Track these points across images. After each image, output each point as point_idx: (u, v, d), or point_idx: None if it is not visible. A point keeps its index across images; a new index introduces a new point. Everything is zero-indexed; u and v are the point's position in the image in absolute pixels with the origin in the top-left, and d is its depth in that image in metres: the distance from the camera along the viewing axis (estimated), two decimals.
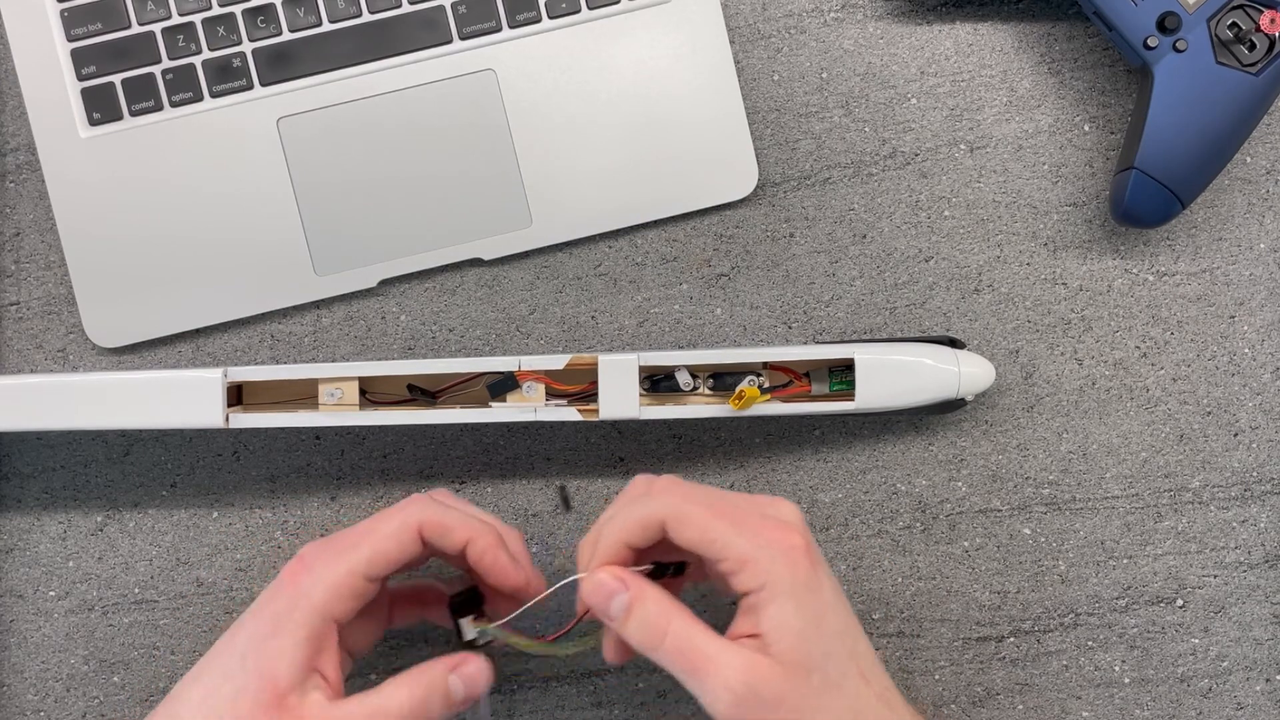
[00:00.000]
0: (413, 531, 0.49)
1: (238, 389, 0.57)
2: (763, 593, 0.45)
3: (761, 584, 0.45)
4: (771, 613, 0.45)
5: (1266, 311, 0.61)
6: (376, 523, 0.49)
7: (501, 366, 0.56)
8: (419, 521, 0.49)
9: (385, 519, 0.49)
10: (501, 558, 0.50)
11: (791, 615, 0.45)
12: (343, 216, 0.60)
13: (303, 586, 0.47)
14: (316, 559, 0.48)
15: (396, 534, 0.48)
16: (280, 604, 0.47)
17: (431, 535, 0.49)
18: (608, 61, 0.61)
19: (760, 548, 0.45)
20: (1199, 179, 0.57)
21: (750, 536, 0.46)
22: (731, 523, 0.46)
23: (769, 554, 0.45)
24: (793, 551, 0.46)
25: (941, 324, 0.61)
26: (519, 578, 0.50)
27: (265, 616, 0.47)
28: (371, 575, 0.48)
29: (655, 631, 0.46)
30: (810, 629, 0.45)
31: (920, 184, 0.61)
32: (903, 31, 0.62)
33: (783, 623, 0.45)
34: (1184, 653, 0.60)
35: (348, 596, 0.47)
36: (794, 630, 0.45)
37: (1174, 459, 0.61)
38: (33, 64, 0.60)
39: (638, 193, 0.61)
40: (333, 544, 0.49)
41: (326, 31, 0.60)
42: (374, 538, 0.48)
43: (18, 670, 0.61)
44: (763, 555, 0.45)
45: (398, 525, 0.49)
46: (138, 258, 0.60)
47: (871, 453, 0.61)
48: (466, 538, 0.49)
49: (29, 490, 0.61)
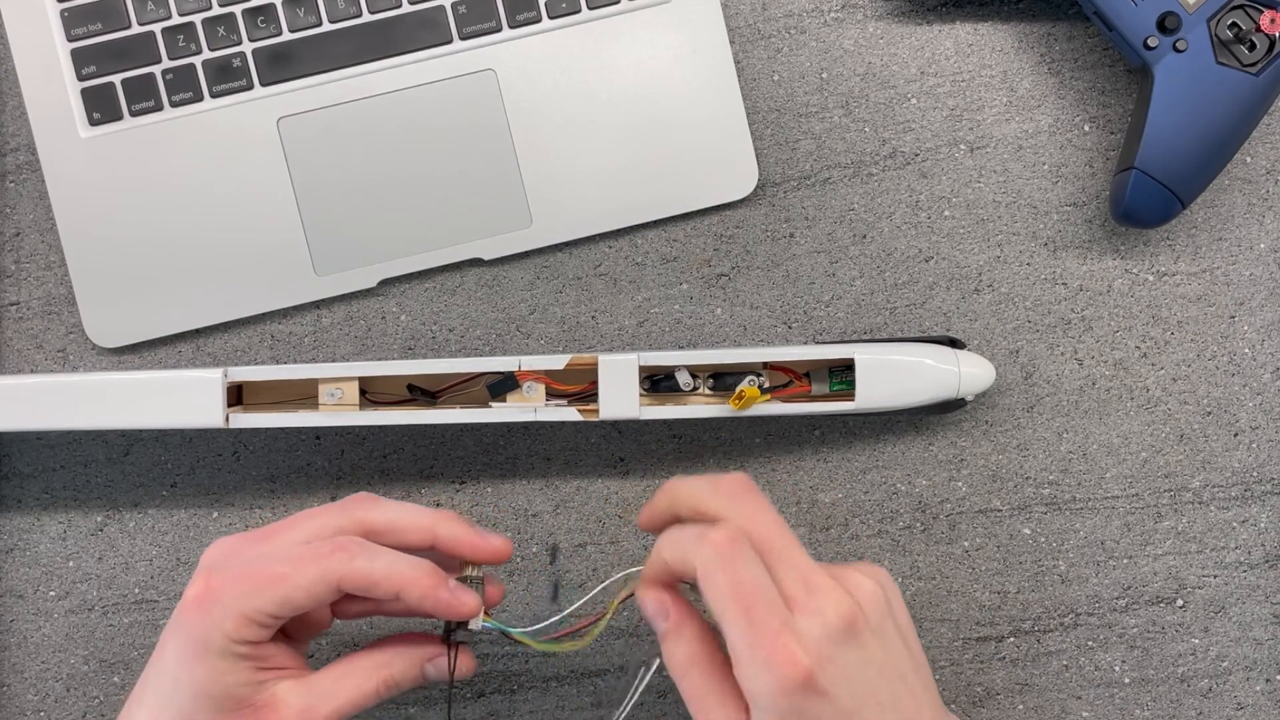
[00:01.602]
0: (330, 586, 0.46)
1: (238, 389, 0.57)
2: (747, 691, 0.43)
3: (745, 688, 0.43)
4: (754, 713, 0.43)
5: (1266, 311, 0.61)
6: (292, 567, 0.46)
7: (501, 366, 0.56)
8: (339, 577, 0.46)
9: (302, 566, 0.46)
10: (443, 598, 0.47)
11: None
12: (343, 216, 0.60)
13: (213, 616, 0.45)
14: (228, 589, 0.45)
15: (309, 587, 0.45)
16: (197, 630, 0.45)
17: (353, 589, 0.46)
18: (608, 61, 0.61)
19: (754, 657, 0.42)
20: (1199, 179, 0.57)
21: (752, 639, 0.42)
22: (744, 613, 0.43)
23: (760, 668, 0.42)
24: (785, 679, 0.42)
25: (941, 324, 0.61)
26: (468, 609, 0.48)
27: (187, 642, 0.46)
28: (279, 617, 0.46)
29: (678, 671, 0.45)
30: None
31: (920, 184, 0.61)
32: (903, 31, 0.62)
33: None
34: (1184, 653, 0.60)
35: (259, 628, 0.46)
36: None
37: (1174, 459, 0.61)
38: (33, 64, 0.60)
39: (638, 193, 0.61)
40: (250, 575, 0.46)
41: (326, 31, 0.60)
42: (285, 586, 0.45)
43: (18, 670, 0.61)
44: (754, 666, 0.42)
45: (314, 578, 0.45)
46: (138, 258, 0.60)
47: (871, 453, 0.61)
48: (396, 589, 0.46)
49: (29, 490, 0.61)
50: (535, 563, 0.61)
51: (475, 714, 0.60)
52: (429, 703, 0.61)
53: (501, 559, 0.49)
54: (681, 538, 0.46)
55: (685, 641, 0.45)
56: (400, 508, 0.49)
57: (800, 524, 0.61)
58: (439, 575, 0.47)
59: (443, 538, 0.49)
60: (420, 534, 0.49)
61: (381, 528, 0.48)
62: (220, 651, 0.45)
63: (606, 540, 0.61)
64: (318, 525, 0.48)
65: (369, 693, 0.48)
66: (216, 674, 0.45)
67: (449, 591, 0.47)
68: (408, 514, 0.49)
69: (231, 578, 0.46)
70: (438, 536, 0.49)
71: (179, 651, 0.46)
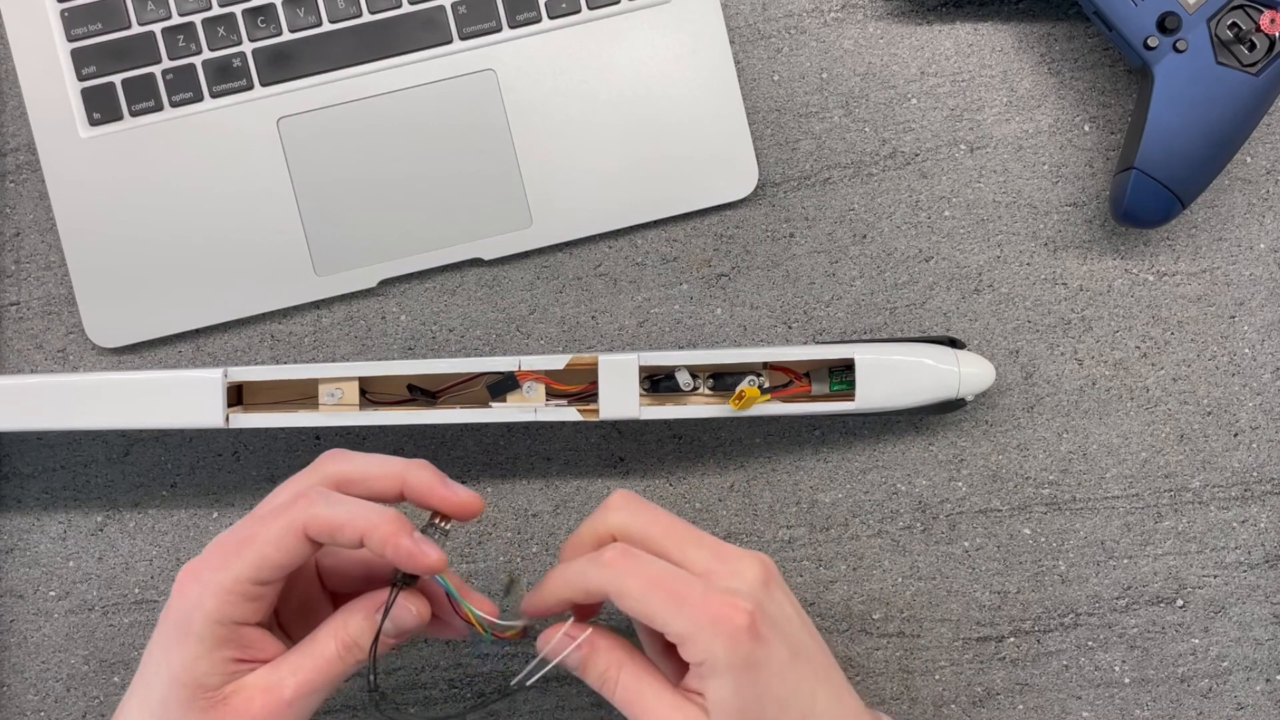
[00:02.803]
0: (298, 535, 0.45)
1: (238, 389, 0.57)
2: (703, 666, 0.45)
3: (700, 660, 0.45)
4: (712, 685, 0.45)
5: (1266, 311, 0.61)
6: (259, 526, 0.46)
7: (501, 366, 0.56)
8: (303, 523, 0.45)
9: (268, 522, 0.46)
10: (404, 544, 0.46)
11: (730, 692, 0.45)
12: (343, 216, 0.60)
13: (192, 597, 0.45)
14: (204, 566, 0.46)
15: (278, 540, 0.45)
16: (176, 614, 0.46)
17: (319, 536, 0.46)
18: (608, 61, 0.61)
19: (699, 626, 0.45)
20: (1199, 179, 0.57)
21: (690, 614, 0.45)
22: (669, 597, 0.45)
23: (709, 633, 0.44)
24: (733, 628, 0.45)
25: (941, 324, 0.61)
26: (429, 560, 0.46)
27: (168, 627, 0.46)
28: (261, 580, 0.46)
29: (607, 683, 0.47)
30: (751, 705, 0.45)
31: (920, 184, 0.61)
32: (903, 31, 0.62)
33: (722, 698, 0.45)
34: (1184, 653, 0.60)
35: (242, 601, 0.45)
36: (733, 706, 0.45)
37: (1174, 459, 0.61)
38: (33, 64, 0.60)
39: (638, 193, 0.61)
40: (222, 547, 0.46)
41: (326, 31, 0.60)
42: (256, 545, 0.45)
43: (18, 670, 0.61)
44: (701, 634, 0.45)
45: (280, 530, 0.45)
46: (138, 258, 0.60)
47: (871, 453, 0.61)
48: (359, 534, 0.45)
49: (29, 490, 0.61)
50: (535, 563, 0.61)
51: (475, 714, 0.60)
52: (429, 703, 0.61)
53: (469, 514, 0.48)
54: (570, 570, 0.47)
55: (604, 651, 0.47)
56: (369, 458, 0.48)
57: (800, 524, 0.61)
58: (403, 522, 0.46)
59: (412, 484, 0.48)
60: (390, 480, 0.48)
61: (353, 477, 0.48)
62: (200, 635, 0.45)
63: None
64: (290, 489, 0.48)
65: (331, 657, 0.47)
66: (190, 659, 0.45)
67: (411, 540, 0.46)
68: (376, 463, 0.48)
69: (206, 556, 0.46)
70: (407, 483, 0.48)
71: (162, 638, 0.46)
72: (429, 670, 0.61)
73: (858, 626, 0.60)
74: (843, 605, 0.60)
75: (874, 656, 0.60)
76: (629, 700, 0.47)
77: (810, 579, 0.60)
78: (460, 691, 0.60)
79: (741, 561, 0.47)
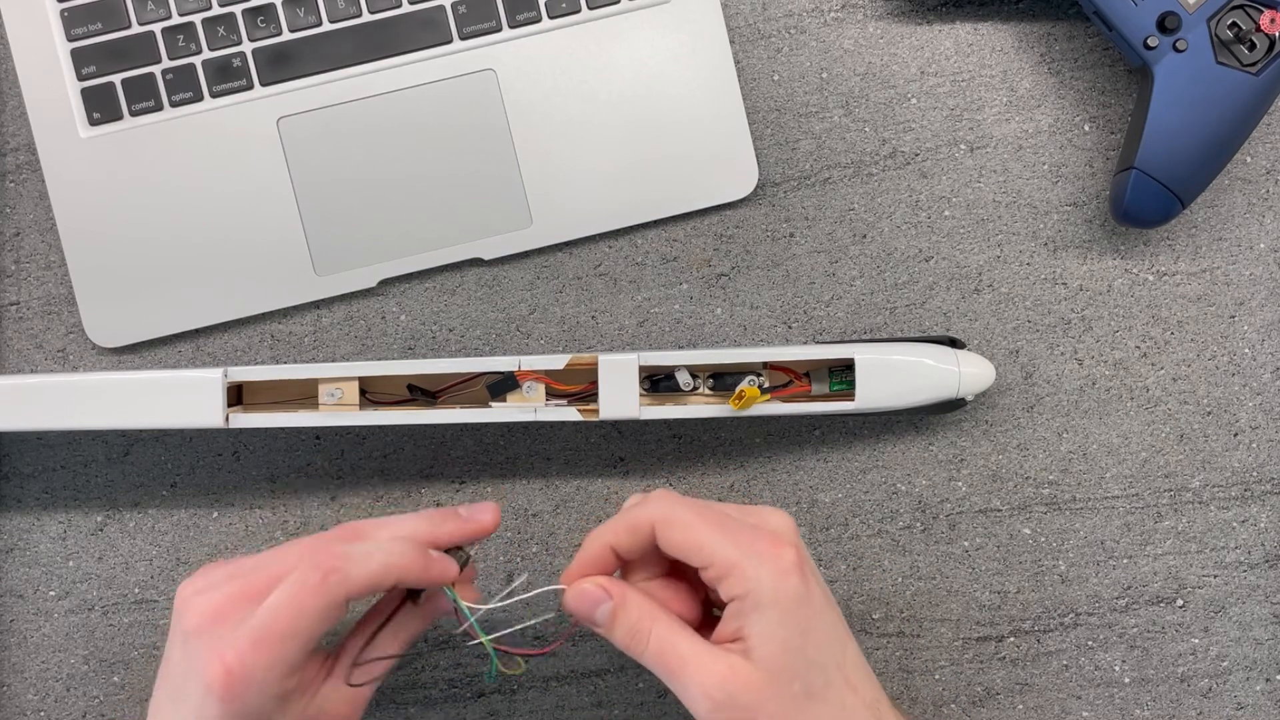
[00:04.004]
0: (342, 607, 0.46)
1: (238, 389, 0.57)
2: (747, 600, 0.45)
3: (747, 591, 0.45)
4: (755, 620, 0.45)
5: (1266, 311, 0.61)
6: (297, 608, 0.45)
7: (501, 366, 0.56)
8: (345, 595, 0.45)
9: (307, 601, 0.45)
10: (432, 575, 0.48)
11: (776, 624, 0.44)
12: (343, 216, 0.60)
13: (251, 698, 0.45)
14: (251, 668, 0.44)
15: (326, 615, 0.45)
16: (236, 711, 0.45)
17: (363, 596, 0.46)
18: (607, 61, 0.61)
19: (747, 555, 0.45)
20: (1199, 179, 0.57)
21: (738, 544, 0.45)
22: (720, 529, 0.46)
23: (755, 562, 0.45)
24: (781, 561, 0.45)
25: (941, 324, 0.61)
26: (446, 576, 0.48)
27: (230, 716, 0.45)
28: (311, 647, 0.46)
29: (639, 636, 0.46)
30: (794, 638, 0.45)
31: (920, 184, 0.61)
32: (903, 31, 0.62)
33: (766, 631, 0.44)
34: (1184, 653, 0.60)
35: (297, 670, 0.46)
36: (777, 639, 0.44)
37: (1174, 459, 0.61)
38: (33, 64, 0.60)
39: (638, 193, 0.61)
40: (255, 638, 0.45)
41: (326, 31, 0.60)
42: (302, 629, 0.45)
43: (18, 670, 0.61)
44: (749, 563, 0.45)
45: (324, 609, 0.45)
46: (138, 258, 0.60)
47: (871, 453, 0.61)
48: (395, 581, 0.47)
49: (29, 490, 0.61)
50: (535, 562, 0.61)
51: (475, 714, 0.60)
52: (429, 703, 0.61)
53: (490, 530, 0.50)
54: (618, 517, 0.48)
55: (633, 606, 0.47)
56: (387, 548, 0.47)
57: (800, 524, 0.60)
58: (418, 548, 0.48)
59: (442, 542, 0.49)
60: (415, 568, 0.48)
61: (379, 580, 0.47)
62: (270, 714, 0.46)
63: None
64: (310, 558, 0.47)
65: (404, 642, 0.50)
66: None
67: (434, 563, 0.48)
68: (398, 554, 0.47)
69: (248, 652, 0.45)
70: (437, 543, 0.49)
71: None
72: (429, 670, 0.61)
73: (858, 626, 0.60)
74: (843, 605, 0.60)
75: (874, 656, 0.60)
76: (663, 652, 0.45)
77: None
78: (460, 691, 0.60)
79: (771, 513, 0.48)
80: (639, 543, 0.47)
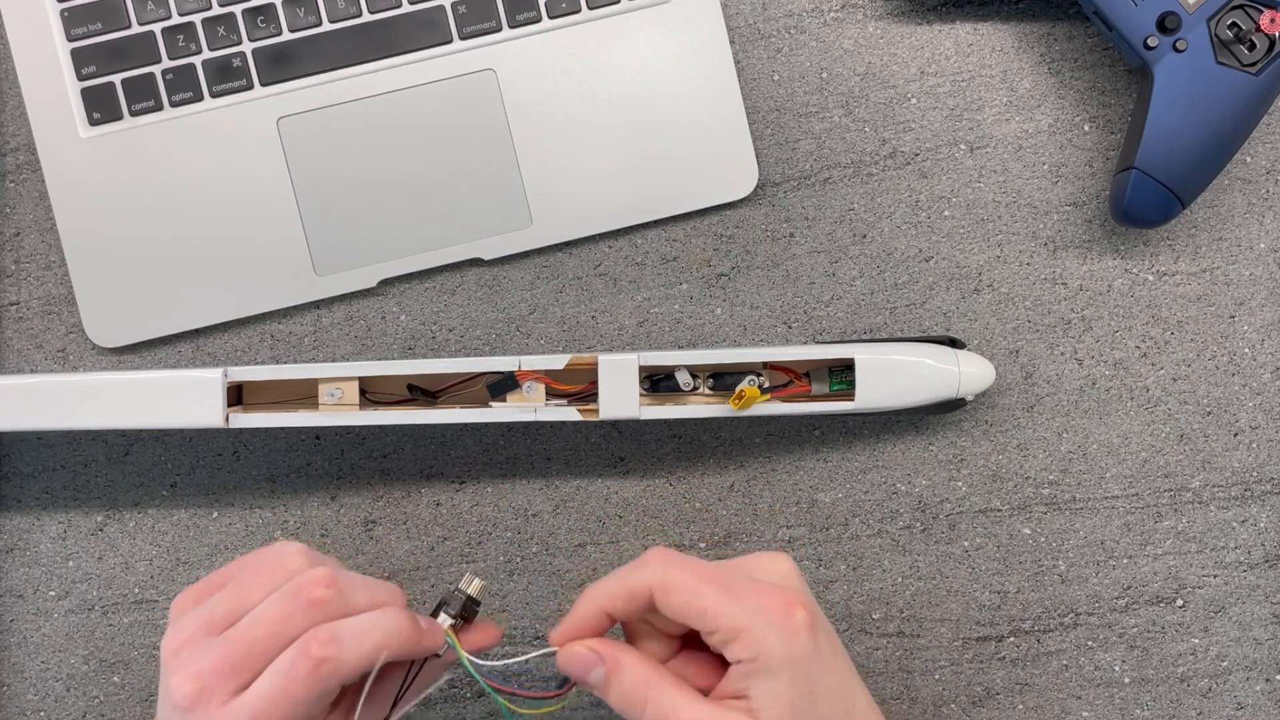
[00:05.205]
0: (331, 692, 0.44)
1: (238, 389, 0.57)
2: (756, 663, 0.43)
3: (755, 655, 0.43)
4: (763, 682, 0.43)
5: (1266, 311, 0.61)
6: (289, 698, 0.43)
7: (501, 366, 0.56)
8: (340, 681, 0.44)
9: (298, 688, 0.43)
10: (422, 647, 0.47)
11: (786, 686, 0.43)
12: (343, 216, 0.60)
13: None
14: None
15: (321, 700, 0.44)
16: None
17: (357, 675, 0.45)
18: (608, 61, 0.61)
19: (754, 617, 0.43)
20: (1199, 179, 0.57)
21: (744, 605, 0.43)
22: (722, 590, 0.44)
23: (764, 624, 0.43)
24: (791, 622, 0.43)
25: (941, 324, 0.61)
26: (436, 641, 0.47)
27: None
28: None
29: (635, 701, 0.45)
30: (804, 700, 0.43)
31: (920, 184, 0.61)
32: (903, 31, 0.62)
33: (775, 693, 0.43)
34: (1184, 653, 0.60)
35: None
36: (786, 701, 0.43)
37: (1174, 459, 0.61)
38: (33, 64, 0.60)
39: (638, 193, 0.61)
40: None
41: (326, 31, 0.60)
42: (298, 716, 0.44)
43: (18, 670, 0.61)
44: (757, 626, 0.43)
45: (318, 696, 0.44)
46: (138, 258, 0.60)
47: (871, 453, 0.61)
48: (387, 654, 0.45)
49: (29, 490, 0.61)
50: (535, 562, 0.61)
51: (475, 714, 0.60)
52: (428, 703, 0.61)
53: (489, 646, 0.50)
54: (606, 581, 0.46)
55: (631, 668, 0.45)
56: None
57: (800, 524, 0.61)
58: (410, 620, 0.46)
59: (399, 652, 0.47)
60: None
61: None
62: None
63: (606, 540, 0.61)
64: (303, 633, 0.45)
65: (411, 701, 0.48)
66: None
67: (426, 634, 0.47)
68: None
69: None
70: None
71: None
72: None
73: (858, 626, 0.60)
74: (843, 605, 0.60)
75: (874, 656, 0.60)
76: (662, 718, 0.44)
77: (810, 579, 0.60)
78: (460, 692, 0.60)
79: (771, 561, 0.46)
80: (636, 608, 0.45)
